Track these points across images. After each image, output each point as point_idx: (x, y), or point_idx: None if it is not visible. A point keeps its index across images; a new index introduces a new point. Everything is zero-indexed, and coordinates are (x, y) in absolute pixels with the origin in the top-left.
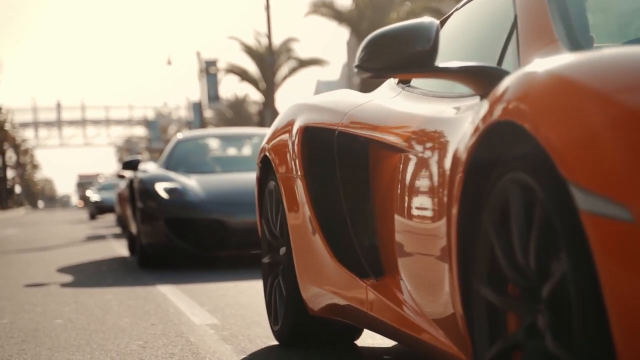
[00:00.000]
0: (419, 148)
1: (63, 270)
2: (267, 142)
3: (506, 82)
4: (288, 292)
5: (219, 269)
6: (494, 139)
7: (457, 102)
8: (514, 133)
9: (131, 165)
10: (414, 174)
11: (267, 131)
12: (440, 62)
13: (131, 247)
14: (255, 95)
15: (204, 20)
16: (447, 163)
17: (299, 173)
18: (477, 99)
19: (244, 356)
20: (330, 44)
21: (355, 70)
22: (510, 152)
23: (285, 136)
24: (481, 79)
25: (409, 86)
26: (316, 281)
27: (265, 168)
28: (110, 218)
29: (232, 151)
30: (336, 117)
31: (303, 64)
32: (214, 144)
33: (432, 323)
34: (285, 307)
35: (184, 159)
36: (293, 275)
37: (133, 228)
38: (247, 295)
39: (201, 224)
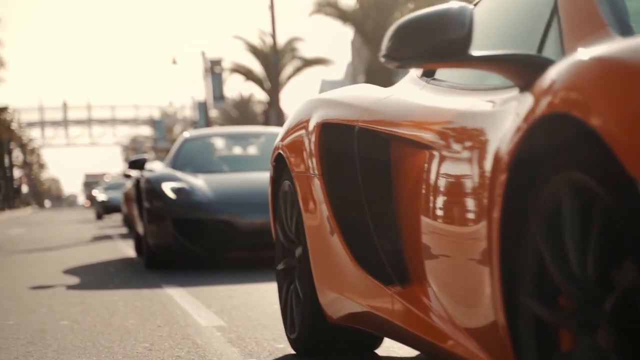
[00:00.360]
0: (451, 145)
1: (69, 270)
2: (282, 140)
3: (554, 72)
4: (305, 298)
5: (225, 270)
6: (542, 134)
7: (491, 95)
8: (566, 127)
9: (137, 164)
10: (446, 173)
11: (280, 129)
12: (475, 51)
13: (138, 248)
14: (260, 95)
15: (209, 19)
16: (487, 162)
17: (317, 172)
18: (515, 91)
19: None
20: (335, 43)
21: (383, 60)
22: (563, 149)
23: (302, 133)
24: (523, 69)
25: (434, 79)
26: (335, 287)
27: (280, 167)
28: (117, 218)
29: (239, 150)
30: (356, 112)
31: (308, 63)
32: (221, 143)
33: (465, 333)
34: (302, 313)
35: (191, 158)
36: (310, 280)
37: (140, 228)
38: (254, 297)
39: (209, 224)
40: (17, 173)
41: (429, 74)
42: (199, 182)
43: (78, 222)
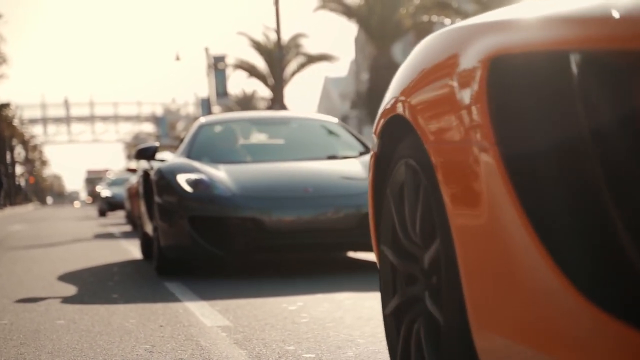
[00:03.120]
0: None
1: (68, 267)
2: (404, 94)
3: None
4: (446, 340)
5: (227, 265)
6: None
7: None
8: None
9: (147, 153)
10: None
11: (394, 79)
12: None
13: (144, 250)
14: (263, 92)
15: (213, 15)
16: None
17: (488, 140)
18: None
19: None
20: (338, 40)
21: None
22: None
23: (449, 80)
24: None
25: None
26: (515, 327)
27: (392, 140)
28: (121, 214)
29: (263, 137)
30: (571, 29)
31: (312, 59)
32: (243, 129)
33: None
34: None
35: (208, 147)
36: (457, 310)
37: (148, 227)
38: (259, 294)
39: (232, 222)
40: (19, 170)
41: None
42: (220, 174)
43: (79, 219)
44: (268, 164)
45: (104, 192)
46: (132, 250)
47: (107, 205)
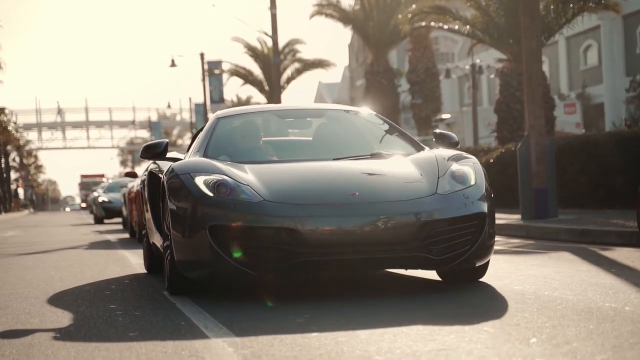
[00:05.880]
0: None
1: (64, 276)
2: None
3: None
4: None
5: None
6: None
7: None
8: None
9: (156, 150)
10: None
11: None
12: None
13: (149, 263)
14: (259, 98)
15: (208, 21)
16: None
17: None
18: None
19: None
20: (331, 46)
21: None
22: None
23: None
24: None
25: None
26: None
27: None
28: (119, 220)
29: (290, 133)
30: None
31: (308, 65)
32: (266, 123)
33: None
34: None
35: (227, 143)
36: None
37: (156, 238)
38: (264, 305)
39: (263, 234)
40: (13, 175)
41: None
42: (246, 175)
43: (74, 224)
44: (301, 164)
45: (101, 197)
46: (130, 258)
47: (103, 212)
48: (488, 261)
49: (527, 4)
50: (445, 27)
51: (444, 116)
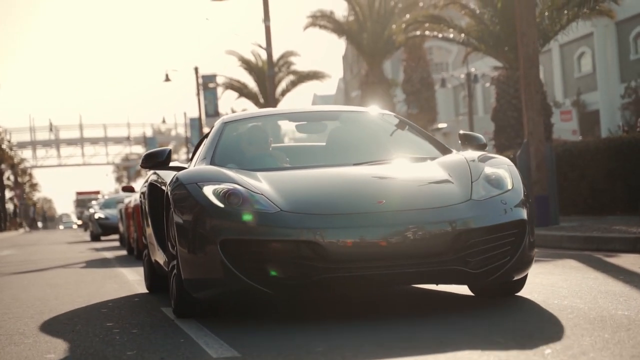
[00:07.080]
0: None
1: (60, 294)
2: None
3: None
4: None
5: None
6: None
7: None
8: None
9: (158, 159)
10: None
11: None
12: None
13: (151, 282)
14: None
15: (202, 35)
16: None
17: None
18: None
19: None
20: (326, 58)
21: None
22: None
23: None
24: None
25: None
26: None
27: None
28: (116, 237)
29: (303, 137)
30: None
31: (303, 77)
32: (275, 127)
33: None
34: None
35: (235, 150)
36: None
37: (158, 255)
38: (266, 320)
39: (281, 248)
40: (8, 194)
41: None
42: (259, 184)
43: (70, 242)
44: (318, 170)
45: (97, 213)
46: (127, 275)
47: (100, 229)
48: (526, 275)
49: (523, 10)
50: (440, 35)
51: (441, 125)
